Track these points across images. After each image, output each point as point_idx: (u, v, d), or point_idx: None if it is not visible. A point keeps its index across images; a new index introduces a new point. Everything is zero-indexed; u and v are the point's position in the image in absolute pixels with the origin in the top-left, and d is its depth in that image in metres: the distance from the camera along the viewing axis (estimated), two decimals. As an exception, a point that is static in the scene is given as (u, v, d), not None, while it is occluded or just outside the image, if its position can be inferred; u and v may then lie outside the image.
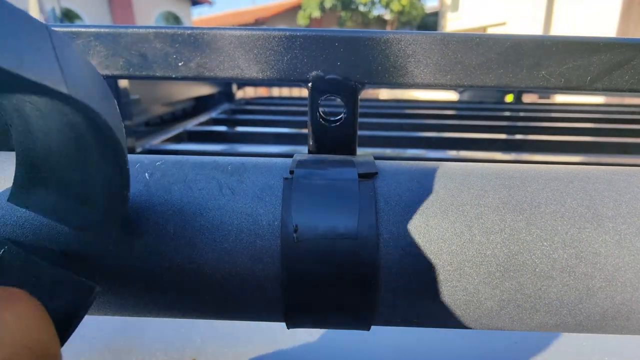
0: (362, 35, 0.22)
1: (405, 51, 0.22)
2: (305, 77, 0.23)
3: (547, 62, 0.22)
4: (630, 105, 1.04)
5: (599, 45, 0.22)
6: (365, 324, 0.19)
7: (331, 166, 0.19)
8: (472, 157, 0.60)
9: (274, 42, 0.22)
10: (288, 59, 0.22)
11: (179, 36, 0.22)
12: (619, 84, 0.23)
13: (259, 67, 0.23)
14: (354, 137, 0.24)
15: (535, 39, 0.22)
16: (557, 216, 0.17)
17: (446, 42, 0.22)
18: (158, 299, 0.19)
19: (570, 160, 0.58)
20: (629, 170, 0.20)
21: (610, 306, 0.17)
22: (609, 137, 0.70)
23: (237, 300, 0.19)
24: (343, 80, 0.23)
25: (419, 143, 0.69)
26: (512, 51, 0.22)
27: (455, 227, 0.17)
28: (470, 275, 0.17)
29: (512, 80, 0.23)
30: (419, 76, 0.23)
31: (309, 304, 0.18)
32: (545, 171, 0.20)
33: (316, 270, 0.17)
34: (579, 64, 0.22)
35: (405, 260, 0.17)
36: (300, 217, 0.17)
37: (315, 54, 0.22)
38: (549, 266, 0.17)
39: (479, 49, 0.22)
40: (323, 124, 0.24)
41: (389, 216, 0.18)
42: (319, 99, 0.23)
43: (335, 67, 0.22)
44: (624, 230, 0.17)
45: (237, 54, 0.23)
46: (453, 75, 0.23)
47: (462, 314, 0.18)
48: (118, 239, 0.18)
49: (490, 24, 9.24)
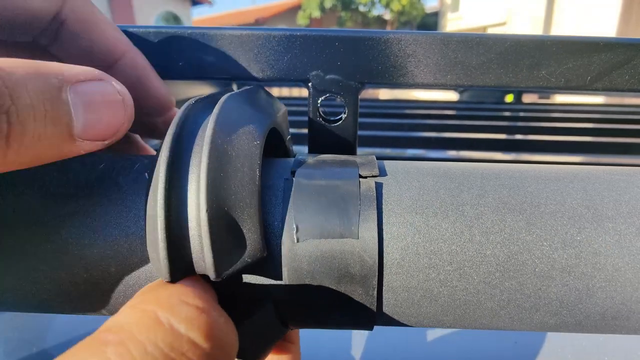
0: (362, 35, 0.22)
1: (405, 51, 0.22)
2: (305, 76, 0.23)
3: (547, 62, 0.22)
4: (630, 105, 1.04)
5: (599, 45, 0.22)
6: (367, 324, 0.19)
7: (332, 166, 0.19)
8: (472, 157, 0.60)
9: (274, 42, 0.22)
10: (288, 58, 0.22)
11: (179, 35, 0.22)
12: (619, 83, 0.23)
13: (259, 67, 0.23)
14: (355, 136, 0.24)
15: (535, 38, 0.22)
16: (557, 216, 0.17)
17: (446, 42, 0.22)
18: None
19: (570, 160, 0.58)
20: (629, 170, 0.20)
21: (610, 306, 0.17)
22: (609, 137, 0.70)
23: None
24: (343, 80, 0.23)
25: (419, 143, 0.69)
26: (512, 51, 0.22)
27: (455, 227, 0.17)
28: (470, 275, 0.17)
29: (512, 80, 0.23)
30: (419, 76, 0.23)
31: (310, 305, 0.18)
32: (545, 171, 0.20)
33: (317, 271, 0.17)
34: (579, 63, 0.22)
35: (406, 260, 0.17)
36: (301, 217, 0.17)
37: (315, 54, 0.22)
38: (548, 266, 0.17)
39: (479, 48, 0.22)
40: (323, 123, 0.24)
41: (390, 216, 0.18)
42: (319, 98, 0.23)
43: (335, 66, 0.22)
44: (624, 230, 0.17)
45: (237, 54, 0.23)
46: (453, 75, 0.23)
47: (462, 314, 0.18)
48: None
49: (491, 24, 9.25)
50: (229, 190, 0.16)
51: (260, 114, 0.19)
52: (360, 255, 0.17)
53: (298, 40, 0.22)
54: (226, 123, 0.17)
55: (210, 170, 0.15)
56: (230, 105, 0.18)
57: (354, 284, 0.17)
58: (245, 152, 0.17)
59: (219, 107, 0.17)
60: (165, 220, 0.15)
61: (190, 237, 0.15)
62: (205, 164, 0.15)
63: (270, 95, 0.22)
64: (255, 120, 0.18)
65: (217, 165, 0.15)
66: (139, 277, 0.18)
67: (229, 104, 0.18)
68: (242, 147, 0.17)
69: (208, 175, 0.15)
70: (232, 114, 0.17)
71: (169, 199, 0.15)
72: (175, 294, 0.14)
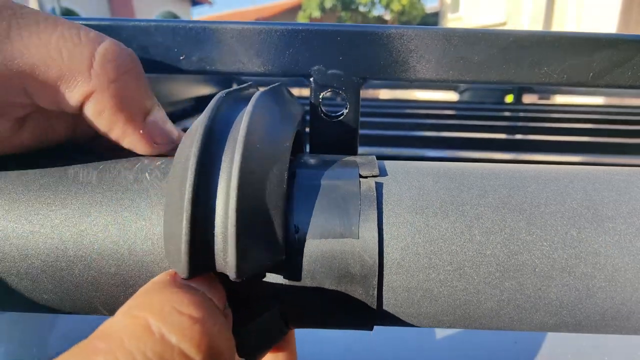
0: (364, 30, 0.22)
1: (407, 46, 0.22)
2: (306, 71, 0.23)
3: (549, 58, 0.22)
4: (630, 106, 1.04)
5: (601, 41, 0.22)
6: (367, 324, 0.19)
7: (333, 166, 0.19)
8: (472, 156, 0.60)
9: (276, 37, 0.22)
10: (290, 53, 0.22)
11: (181, 30, 0.22)
12: (621, 80, 0.23)
13: (260, 61, 0.23)
14: (356, 132, 0.24)
15: (537, 34, 0.22)
16: (557, 216, 0.17)
17: (448, 38, 0.22)
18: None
19: (570, 159, 0.58)
20: (629, 170, 0.20)
21: (610, 306, 0.17)
22: (608, 138, 0.70)
23: None
24: (345, 75, 0.22)
25: (419, 142, 0.69)
26: (514, 47, 0.22)
27: (455, 227, 0.17)
28: (470, 275, 0.17)
29: (514, 76, 0.23)
30: (420, 71, 0.23)
31: (310, 304, 0.18)
32: (545, 171, 0.20)
33: (317, 270, 0.17)
34: (581, 60, 0.22)
35: (406, 260, 0.17)
36: (302, 217, 0.17)
37: (317, 49, 0.22)
38: (548, 266, 0.17)
39: (481, 44, 0.22)
40: (324, 119, 0.23)
41: (390, 216, 0.18)
42: (321, 93, 0.23)
43: (337, 61, 0.22)
44: (624, 230, 0.17)
45: (239, 48, 0.22)
46: (455, 70, 0.23)
47: (462, 314, 0.18)
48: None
49: (490, 24, 9.25)
50: (259, 190, 0.15)
51: (289, 114, 0.19)
52: (360, 255, 0.17)
53: (300, 34, 0.22)
54: (259, 122, 0.17)
55: (243, 168, 0.15)
56: (262, 104, 0.17)
57: (354, 284, 0.17)
58: (276, 153, 0.17)
59: (252, 104, 0.17)
60: (191, 215, 0.14)
61: (215, 235, 0.15)
62: (238, 162, 0.15)
63: (292, 94, 0.22)
64: (285, 121, 0.18)
65: (249, 164, 0.15)
66: (138, 277, 0.18)
67: (262, 101, 0.18)
68: (274, 148, 0.17)
69: (240, 172, 0.15)
70: (264, 113, 0.17)
71: (197, 193, 0.15)
72: (169, 301, 0.14)
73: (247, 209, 0.15)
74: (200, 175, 0.15)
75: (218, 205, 0.15)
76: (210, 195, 0.15)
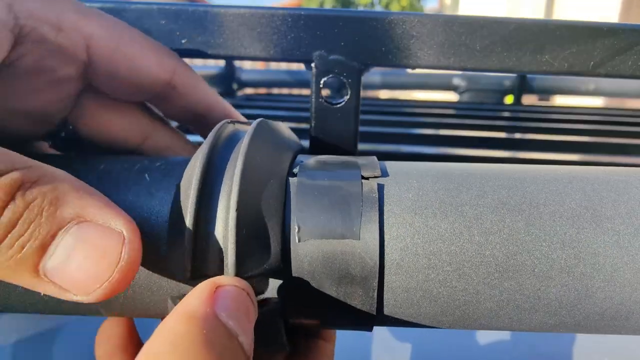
0: (366, 15, 0.22)
1: (409, 32, 0.22)
2: (308, 56, 0.23)
3: (550, 46, 0.22)
4: (630, 109, 1.04)
5: (603, 30, 0.22)
6: (367, 324, 0.19)
7: (334, 167, 0.19)
8: (471, 154, 0.60)
9: (278, 21, 0.22)
10: (291, 37, 0.22)
11: (183, 13, 0.22)
12: (623, 69, 0.23)
13: (262, 46, 0.23)
14: (356, 120, 0.24)
15: (539, 22, 0.22)
16: (556, 216, 0.17)
17: (450, 24, 0.22)
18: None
19: (569, 159, 0.58)
20: (628, 170, 0.20)
21: (609, 306, 0.17)
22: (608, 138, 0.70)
23: None
24: (346, 61, 0.23)
25: (418, 141, 0.69)
26: (515, 34, 0.22)
27: (455, 227, 0.17)
28: (469, 276, 0.17)
29: (516, 64, 0.23)
30: (422, 58, 0.23)
31: (310, 305, 0.18)
32: (544, 171, 0.20)
33: (318, 271, 0.17)
34: (583, 48, 0.22)
35: (405, 260, 0.17)
36: (302, 218, 0.17)
37: (319, 34, 0.22)
38: (547, 266, 0.17)
39: (482, 31, 0.22)
40: (326, 105, 0.23)
41: (390, 217, 0.18)
42: (322, 78, 0.23)
43: (339, 47, 0.22)
44: (623, 230, 0.17)
45: (241, 32, 0.22)
46: (457, 57, 0.23)
47: (461, 315, 0.18)
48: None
49: (491, 28, 9.26)
50: (258, 197, 0.17)
51: (289, 139, 0.21)
52: (361, 256, 0.17)
53: (302, 19, 0.22)
54: (260, 139, 0.18)
55: (244, 177, 0.16)
56: (263, 127, 0.19)
57: (355, 284, 0.17)
58: (274, 167, 0.18)
59: (254, 125, 0.18)
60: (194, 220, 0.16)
61: (216, 239, 0.16)
62: (239, 169, 0.16)
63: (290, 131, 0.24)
64: (285, 143, 0.20)
65: (250, 173, 0.16)
66: (138, 277, 0.18)
67: (263, 125, 0.19)
68: (273, 162, 0.18)
69: (241, 178, 0.16)
70: (265, 134, 0.19)
71: (200, 198, 0.16)
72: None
73: (246, 214, 0.16)
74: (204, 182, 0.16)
75: (220, 211, 0.16)
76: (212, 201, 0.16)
